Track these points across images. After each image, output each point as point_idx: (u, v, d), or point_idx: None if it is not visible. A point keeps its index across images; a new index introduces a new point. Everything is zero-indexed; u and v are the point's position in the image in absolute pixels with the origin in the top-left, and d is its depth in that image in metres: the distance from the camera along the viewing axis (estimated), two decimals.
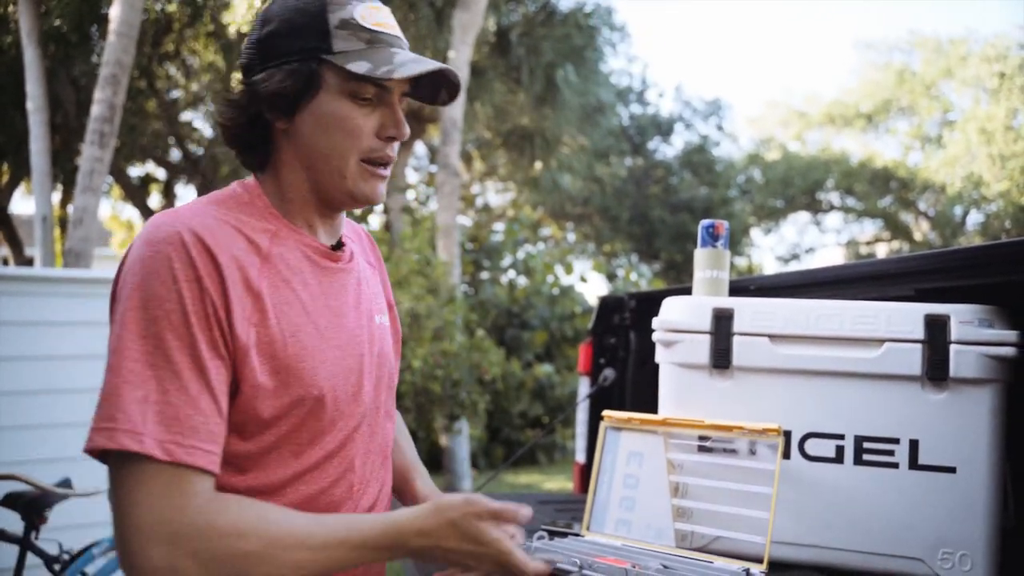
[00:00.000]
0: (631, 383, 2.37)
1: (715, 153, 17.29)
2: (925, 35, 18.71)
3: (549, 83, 10.65)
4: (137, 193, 12.81)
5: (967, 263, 1.38)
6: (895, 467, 1.23)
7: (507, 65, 10.61)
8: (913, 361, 1.23)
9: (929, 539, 1.21)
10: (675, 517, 1.27)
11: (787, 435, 1.28)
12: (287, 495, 0.99)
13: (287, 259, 1.02)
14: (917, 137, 19.20)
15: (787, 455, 1.28)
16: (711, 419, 1.28)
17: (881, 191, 19.03)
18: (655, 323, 1.40)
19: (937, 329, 1.22)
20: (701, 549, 1.24)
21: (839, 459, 1.26)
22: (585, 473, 2.46)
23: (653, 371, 1.43)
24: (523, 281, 10.50)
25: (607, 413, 1.37)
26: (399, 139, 1.04)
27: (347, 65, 0.98)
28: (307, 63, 0.99)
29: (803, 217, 21.04)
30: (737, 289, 1.64)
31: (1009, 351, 1.20)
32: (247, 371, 0.94)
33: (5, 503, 2.73)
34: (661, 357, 1.40)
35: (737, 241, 16.12)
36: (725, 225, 1.49)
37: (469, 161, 14.76)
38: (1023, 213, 15.59)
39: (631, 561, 1.13)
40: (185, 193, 13.36)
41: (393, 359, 1.19)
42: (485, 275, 10.48)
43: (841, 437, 1.26)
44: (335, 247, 1.11)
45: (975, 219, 18.08)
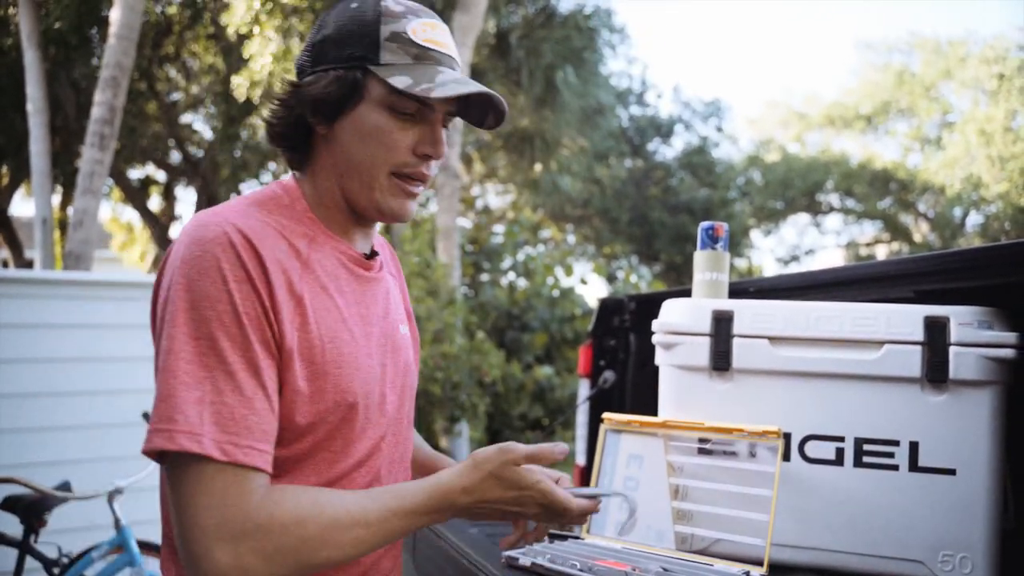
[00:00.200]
0: (631, 385, 2.37)
1: (715, 154, 17.31)
2: (924, 36, 18.76)
3: (549, 85, 10.66)
4: (137, 195, 12.82)
5: (966, 265, 1.38)
6: (895, 469, 1.23)
7: (507, 67, 10.62)
8: (913, 363, 1.23)
9: (929, 541, 1.21)
10: (675, 520, 1.27)
11: (787, 437, 1.28)
12: None
13: (324, 265, 1.02)
14: (917, 139, 19.22)
15: (787, 457, 1.28)
16: (711, 421, 1.28)
17: (881, 193, 19.05)
18: (655, 325, 1.40)
19: (937, 331, 1.22)
20: (701, 552, 1.24)
21: (839, 461, 1.26)
22: (585, 475, 2.45)
23: (653, 373, 1.43)
24: (523, 283, 10.50)
25: (607, 415, 1.37)
26: (435, 158, 1.04)
27: (389, 78, 0.98)
28: (352, 71, 0.99)
29: (803, 219, 21.07)
30: (737, 291, 1.64)
31: (1009, 353, 1.19)
32: (289, 375, 0.95)
33: (4, 506, 2.73)
34: (661, 359, 1.40)
35: (737, 243, 16.12)
36: (725, 227, 1.49)
37: (469, 163, 14.77)
38: (1022, 215, 15.59)
39: (631, 564, 1.13)
40: (185, 195, 13.38)
41: (415, 369, 1.20)
42: (485, 277, 10.49)
43: (841, 439, 1.26)
44: (369, 256, 1.11)
45: (974, 220, 18.10)
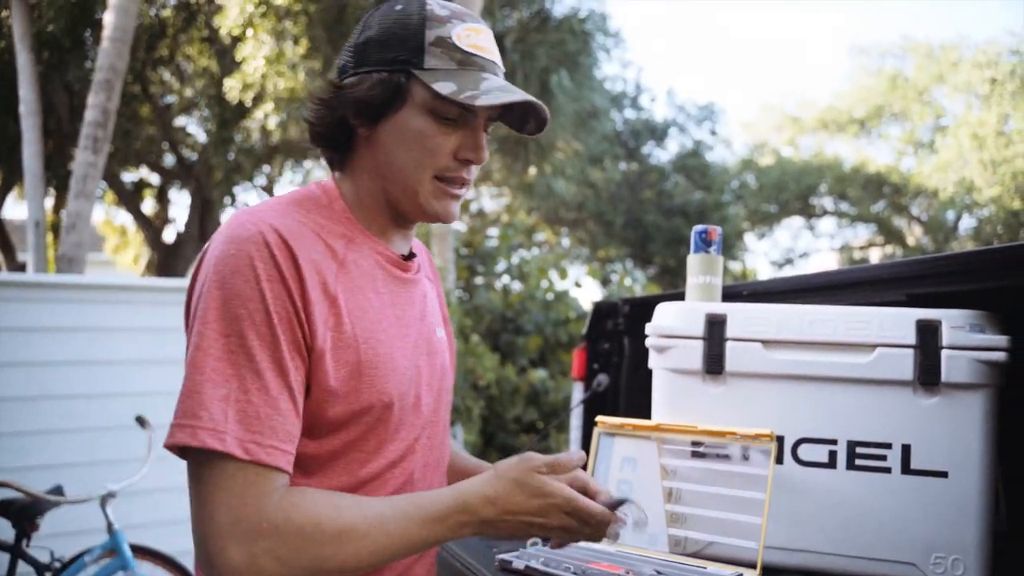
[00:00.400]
0: (625, 388, 2.37)
1: (709, 158, 17.32)
2: (917, 41, 18.83)
3: (543, 88, 10.66)
4: (131, 198, 12.78)
5: (959, 268, 1.39)
6: (887, 472, 1.23)
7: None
8: (905, 366, 1.24)
9: (921, 544, 1.21)
10: (669, 523, 1.27)
11: (780, 440, 1.28)
12: None
13: (361, 265, 1.03)
14: (910, 142, 19.30)
15: (780, 460, 1.28)
16: (704, 425, 1.28)
17: (874, 196, 19.11)
18: (648, 329, 1.40)
19: (929, 334, 1.23)
20: (694, 554, 1.24)
21: (832, 464, 1.26)
22: None
23: (647, 376, 1.43)
24: (517, 286, 10.49)
25: (600, 419, 1.37)
26: (476, 163, 1.04)
27: (433, 84, 0.98)
28: (397, 75, 0.99)
29: (796, 222, 21.12)
30: (730, 294, 1.64)
31: (1000, 356, 1.20)
32: (320, 374, 0.95)
33: None
34: (654, 363, 1.40)
35: (731, 246, 16.15)
36: (718, 231, 1.49)
37: None
38: (1015, 218, 15.67)
39: (625, 567, 1.14)
40: (179, 198, 13.35)
41: (451, 373, 1.20)
42: (479, 280, 10.47)
43: (834, 442, 1.27)
44: (406, 257, 1.11)
45: (967, 224, 18.18)
